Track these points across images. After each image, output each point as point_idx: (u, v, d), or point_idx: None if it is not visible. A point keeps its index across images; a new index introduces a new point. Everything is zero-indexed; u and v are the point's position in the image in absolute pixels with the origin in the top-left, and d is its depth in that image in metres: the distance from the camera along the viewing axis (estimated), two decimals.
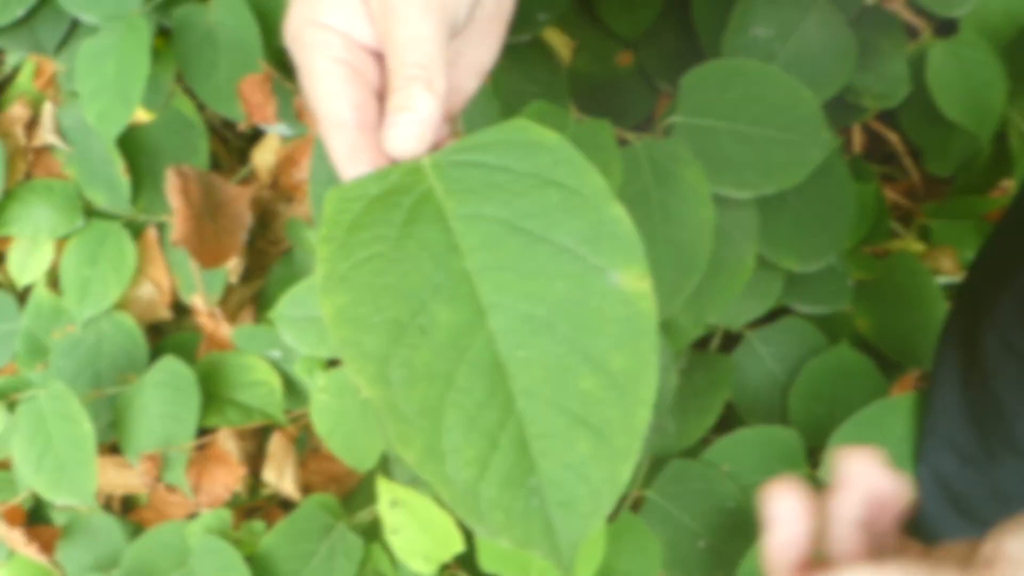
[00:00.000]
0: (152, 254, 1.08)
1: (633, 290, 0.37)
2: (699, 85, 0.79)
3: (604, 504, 0.36)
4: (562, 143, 0.39)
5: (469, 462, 0.35)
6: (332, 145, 0.40)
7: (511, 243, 0.37)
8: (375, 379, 0.36)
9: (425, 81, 0.39)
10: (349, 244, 0.37)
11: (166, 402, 0.96)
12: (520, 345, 0.36)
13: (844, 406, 0.99)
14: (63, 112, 1.02)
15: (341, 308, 0.36)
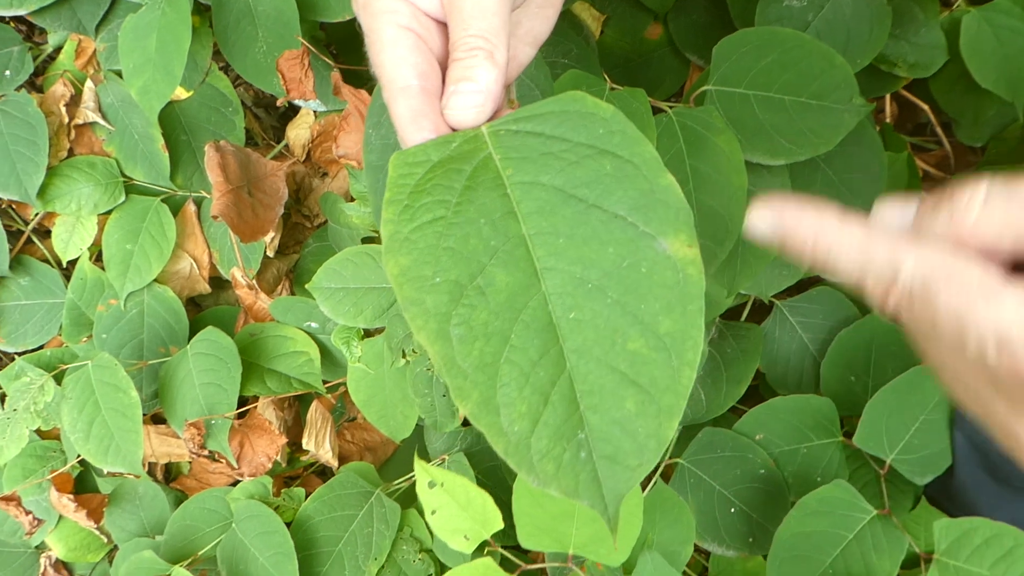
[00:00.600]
0: (191, 229, 1.10)
1: (682, 256, 0.38)
2: (732, 53, 0.80)
3: (649, 459, 0.37)
4: (616, 114, 0.40)
5: (522, 415, 0.37)
6: (396, 110, 0.41)
7: (565, 210, 0.39)
8: (436, 336, 0.37)
9: (487, 52, 0.40)
10: (412, 207, 0.39)
11: (208, 371, 0.98)
12: (572, 307, 0.38)
13: (878, 375, 1.00)
14: (103, 90, 1.04)
15: (404, 268, 0.38)
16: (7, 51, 1.03)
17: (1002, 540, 0.76)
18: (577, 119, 0.40)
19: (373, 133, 0.64)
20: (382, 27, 0.41)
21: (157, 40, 0.86)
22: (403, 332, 0.88)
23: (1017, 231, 0.34)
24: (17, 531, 1.13)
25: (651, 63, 1.12)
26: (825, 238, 0.37)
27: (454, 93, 0.40)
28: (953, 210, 0.35)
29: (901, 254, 0.34)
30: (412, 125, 0.41)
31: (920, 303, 0.34)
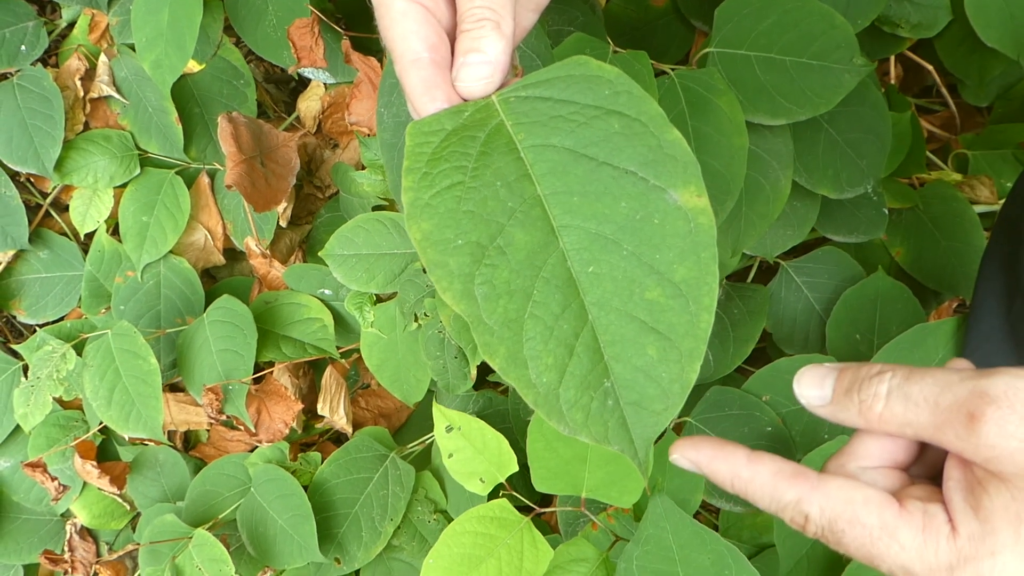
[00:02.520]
0: (205, 201, 1.12)
1: (692, 206, 0.40)
2: (733, 16, 0.81)
3: (674, 403, 0.39)
4: (621, 75, 0.41)
5: (549, 367, 0.39)
6: (408, 82, 0.42)
7: (577, 169, 0.40)
8: (461, 295, 0.39)
9: (494, 23, 0.41)
10: (431, 175, 0.40)
11: (225, 338, 1.01)
12: (590, 261, 0.39)
13: (882, 334, 1.01)
14: (117, 64, 1.06)
15: (427, 233, 0.39)
16: (22, 26, 1.05)
17: None
18: (583, 82, 0.41)
19: (385, 112, 0.66)
20: (391, 1, 0.42)
21: (169, 14, 0.87)
22: (415, 296, 0.90)
23: (916, 430, 0.38)
24: (43, 499, 1.16)
25: (657, 30, 1.13)
26: (739, 480, 0.41)
27: (463, 64, 0.42)
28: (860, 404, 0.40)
29: (805, 502, 0.39)
30: (425, 96, 0.42)
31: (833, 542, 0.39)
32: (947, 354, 0.92)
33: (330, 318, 1.05)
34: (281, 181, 1.04)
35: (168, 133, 1.06)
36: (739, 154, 0.76)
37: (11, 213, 1.10)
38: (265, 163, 1.03)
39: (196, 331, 1.03)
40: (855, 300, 1.03)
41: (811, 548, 0.87)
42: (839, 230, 1.02)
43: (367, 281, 0.95)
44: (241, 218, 1.11)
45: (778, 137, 0.83)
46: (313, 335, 1.05)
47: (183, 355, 1.04)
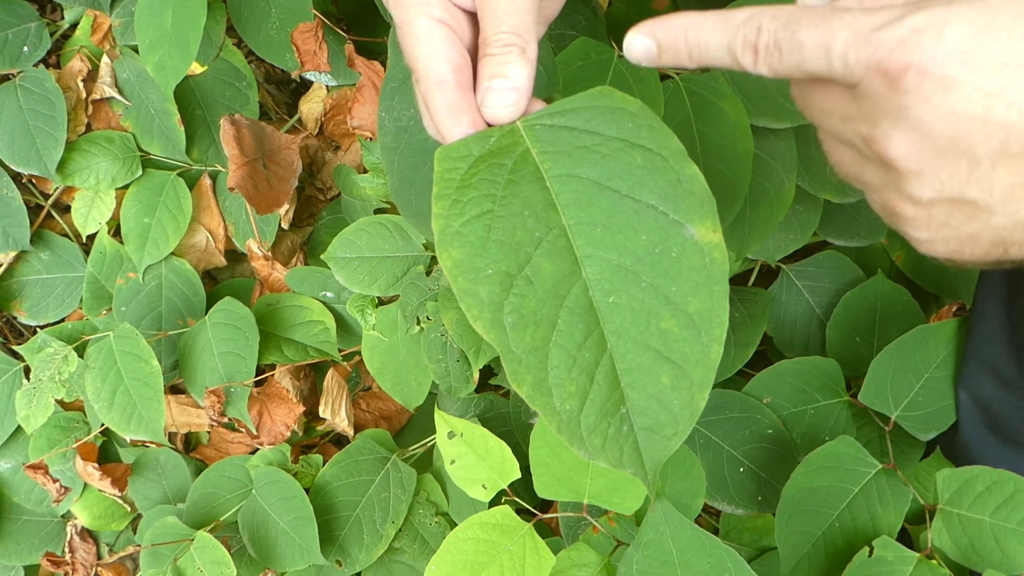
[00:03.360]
0: (206, 202, 1.12)
1: (708, 241, 0.41)
2: None
3: (684, 428, 0.41)
4: (644, 108, 0.42)
5: (572, 395, 0.40)
6: (434, 103, 0.42)
7: (601, 201, 0.41)
8: (491, 324, 0.40)
9: (520, 48, 0.42)
10: (460, 202, 0.41)
11: (227, 340, 1.01)
12: (611, 291, 0.41)
13: (882, 337, 1.02)
14: (119, 65, 1.06)
15: (458, 261, 0.40)
16: (25, 27, 1.05)
17: (1003, 487, 0.78)
18: (607, 113, 0.42)
19: (386, 116, 0.66)
20: (415, 20, 0.42)
21: (173, 16, 0.87)
22: (417, 299, 0.90)
23: None
24: (44, 500, 1.16)
25: None
26: (693, 31, 0.39)
27: (489, 90, 0.42)
28: None
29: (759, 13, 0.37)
30: (451, 120, 0.42)
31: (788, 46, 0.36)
32: (948, 356, 0.92)
33: (332, 321, 1.05)
34: (283, 183, 1.04)
35: (170, 135, 1.06)
36: (744, 158, 0.76)
37: (13, 214, 1.09)
38: (267, 165, 1.03)
39: (198, 333, 1.03)
40: (855, 303, 1.03)
41: (811, 548, 0.87)
42: (840, 234, 1.02)
43: (369, 284, 0.95)
44: (243, 220, 1.11)
45: (782, 141, 0.83)
46: (315, 338, 1.05)
47: (185, 357, 1.04)
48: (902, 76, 0.32)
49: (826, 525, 0.85)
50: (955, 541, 0.80)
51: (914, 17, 0.33)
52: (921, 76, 0.32)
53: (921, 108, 0.33)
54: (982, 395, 0.88)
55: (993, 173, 0.33)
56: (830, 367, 0.98)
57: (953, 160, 0.34)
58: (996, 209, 0.35)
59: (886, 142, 0.35)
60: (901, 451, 0.95)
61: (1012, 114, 0.32)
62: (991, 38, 0.31)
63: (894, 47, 0.33)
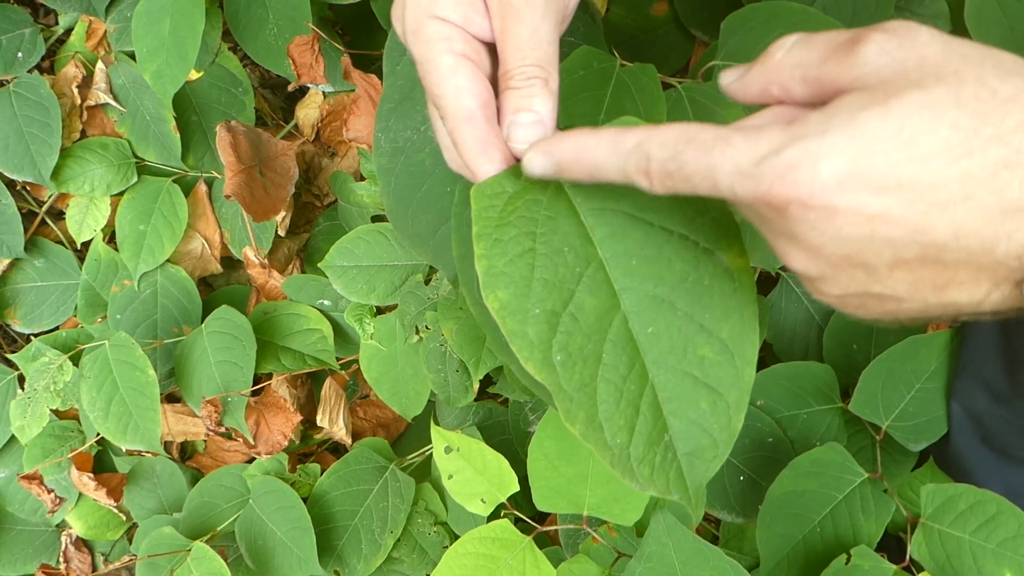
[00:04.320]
0: (202, 209, 1.11)
1: (736, 267, 0.42)
2: (740, 28, 0.80)
3: (723, 450, 0.41)
4: None
5: (621, 428, 0.40)
6: (463, 140, 0.42)
7: (635, 233, 0.42)
8: (542, 365, 0.40)
9: (543, 80, 0.41)
10: (502, 241, 0.41)
11: (224, 349, 1.00)
12: (649, 322, 0.41)
13: (880, 343, 1.01)
14: (114, 72, 1.05)
15: (504, 303, 0.40)
16: (19, 33, 1.04)
17: (985, 506, 0.78)
18: None
19: (383, 137, 0.65)
20: (438, 56, 0.42)
21: (171, 24, 0.87)
22: (416, 309, 0.89)
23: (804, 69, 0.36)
24: (38, 509, 1.15)
25: (656, 40, 1.13)
26: (587, 154, 0.39)
27: (515, 124, 0.41)
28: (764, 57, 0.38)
29: (646, 142, 0.37)
30: (483, 156, 0.42)
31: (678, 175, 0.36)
32: (940, 367, 0.92)
33: (329, 329, 1.04)
34: (280, 190, 1.03)
35: (166, 141, 1.05)
36: None
37: (7, 221, 1.09)
38: (264, 172, 1.02)
39: (194, 342, 1.02)
40: None
41: (791, 551, 0.87)
42: None
43: (367, 293, 0.94)
44: (239, 227, 1.10)
45: None
46: (312, 346, 1.04)
47: (181, 366, 1.03)
48: (786, 208, 0.33)
49: (807, 529, 0.85)
50: (934, 556, 0.80)
51: (790, 152, 0.33)
52: (803, 208, 0.33)
53: (809, 234, 0.34)
54: (974, 408, 0.88)
55: (892, 275, 0.34)
56: (825, 373, 0.98)
57: (850, 270, 0.35)
58: (905, 298, 0.36)
59: (786, 257, 0.36)
60: (893, 460, 0.95)
61: (897, 232, 0.32)
62: (868, 164, 0.32)
63: (773, 182, 0.33)
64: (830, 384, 0.97)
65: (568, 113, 0.73)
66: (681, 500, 0.40)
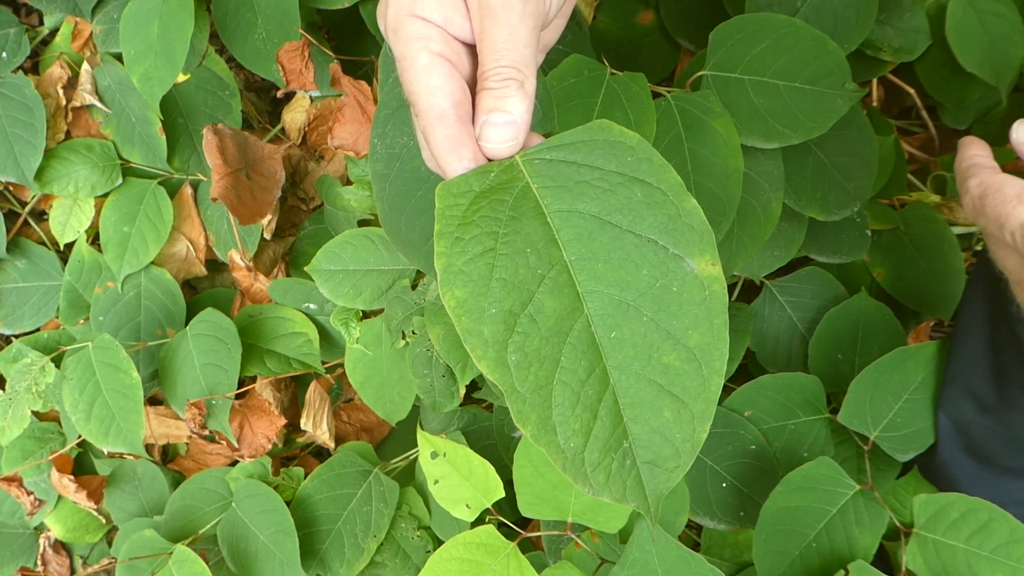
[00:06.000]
0: (187, 211, 1.10)
1: (707, 275, 0.41)
2: (727, 39, 0.81)
3: (685, 461, 0.41)
4: (642, 142, 0.42)
5: (576, 432, 0.40)
6: (434, 138, 0.42)
7: (602, 236, 0.41)
8: (495, 364, 0.40)
9: (519, 82, 0.42)
10: (463, 240, 0.41)
11: (208, 352, 0.99)
12: (613, 327, 0.41)
13: (864, 354, 1.03)
14: (100, 73, 1.04)
15: (461, 301, 0.40)
16: (3, 32, 1.03)
17: (977, 514, 0.79)
18: (606, 147, 0.42)
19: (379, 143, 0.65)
20: (415, 54, 0.42)
21: (159, 27, 0.86)
22: (402, 313, 0.89)
23: None
24: (16, 512, 1.14)
25: (642, 48, 1.13)
26: None
27: (487, 124, 0.42)
28: None
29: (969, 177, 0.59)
30: (452, 154, 0.42)
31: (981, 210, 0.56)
32: (927, 378, 0.93)
33: (315, 333, 1.04)
34: (266, 194, 1.03)
35: (151, 143, 1.05)
36: (735, 176, 0.77)
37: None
38: (250, 175, 1.02)
39: (179, 344, 1.01)
40: (838, 320, 1.04)
41: (788, 567, 0.88)
42: (823, 250, 1.03)
43: (354, 297, 0.94)
44: (224, 229, 1.10)
45: (770, 160, 0.84)
46: (298, 350, 1.04)
47: (165, 368, 1.02)
48: None
49: (803, 545, 0.85)
50: (929, 566, 0.81)
51: None
52: None
53: None
54: (961, 419, 0.89)
55: None
56: (812, 384, 0.99)
57: None
58: None
59: None
60: (878, 469, 0.96)
61: None
62: None
63: None
64: (817, 395, 0.98)
65: (560, 120, 0.74)
66: (639, 509, 0.40)
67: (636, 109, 0.74)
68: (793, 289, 1.08)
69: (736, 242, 0.84)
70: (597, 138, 0.43)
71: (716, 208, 0.77)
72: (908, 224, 1.10)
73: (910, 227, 1.10)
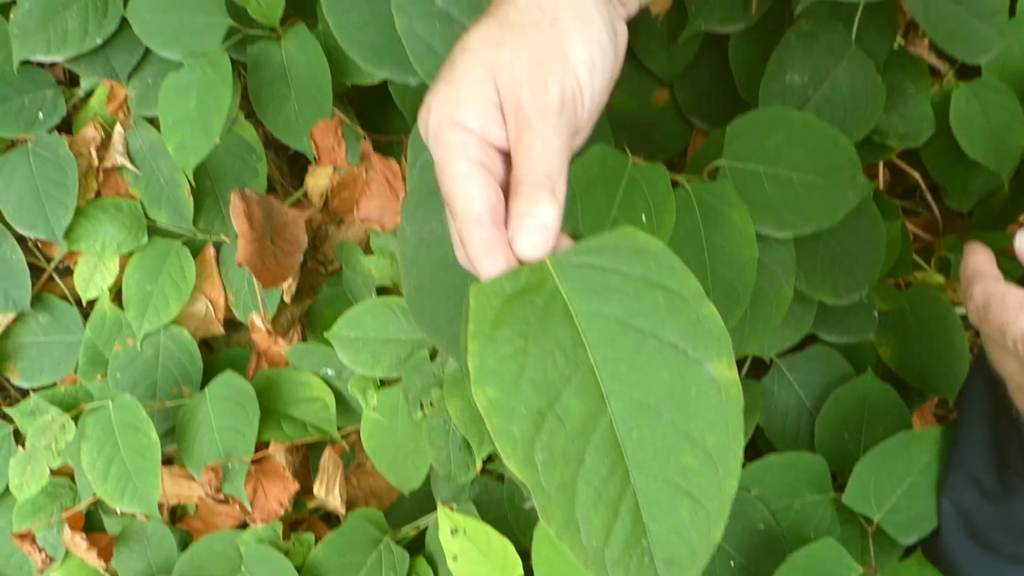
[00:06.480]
0: (209, 272, 1.13)
1: (724, 378, 0.43)
2: (743, 132, 0.84)
3: (701, 559, 0.42)
4: (665, 250, 0.45)
5: (597, 530, 0.41)
6: (470, 241, 0.44)
7: (626, 339, 0.43)
8: (524, 463, 0.41)
9: (550, 189, 0.44)
10: (495, 340, 0.42)
11: (227, 415, 1.01)
12: (634, 427, 0.42)
13: (869, 433, 1.04)
14: (132, 135, 1.07)
15: (492, 400, 0.42)
16: (41, 93, 1.06)
17: None
18: (631, 253, 0.45)
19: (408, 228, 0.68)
20: (455, 160, 0.45)
21: (197, 99, 0.89)
22: (421, 384, 0.91)
23: None
24: (23, 566, 1.14)
25: (657, 125, 1.16)
26: None
27: (520, 228, 0.44)
28: None
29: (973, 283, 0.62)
30: (486, 257, 0.44)
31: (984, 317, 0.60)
32: (931, 462, 0.95)
33: (332, 398, 1.05)
34: (289, 258, 1.05)
35: (179, 204, 1.07)
36: (749, 265, 0.79)
37: (15, 276, 1.09)
38: (275, 240, 1.04)
39: (197, 406, 1.03)
40: (844, 399, 1.06)
41: None
42: (831, 330, 1.05)
43: (373, 365, 0.96)
44: (244, 291, 1.12)
45: (782, 247, 0.87)
46: (315, 415, 1.05)
47: (183, 430, 1.04)
48: None
49: None
50: None
51: None
52: None
53: None
54: (964, 505, 0.91)
55: None
56: (818, 464, 1.00)
57: None
58: None
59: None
60: (882, 551, 0.97)
61: None
62: None
63: None
64: (823, 474, 0.99)
65: (584, 206, 0.76)
66: None
67: (656, 198, 0.76)
68: (801, 366, 1.10)
69: (749, 326, 0.86)
70: (623, 244, 0.45)
71: (731, 295, 0.79)
72: (913, 305, 1.12)
73: (915, 308, 1.12)
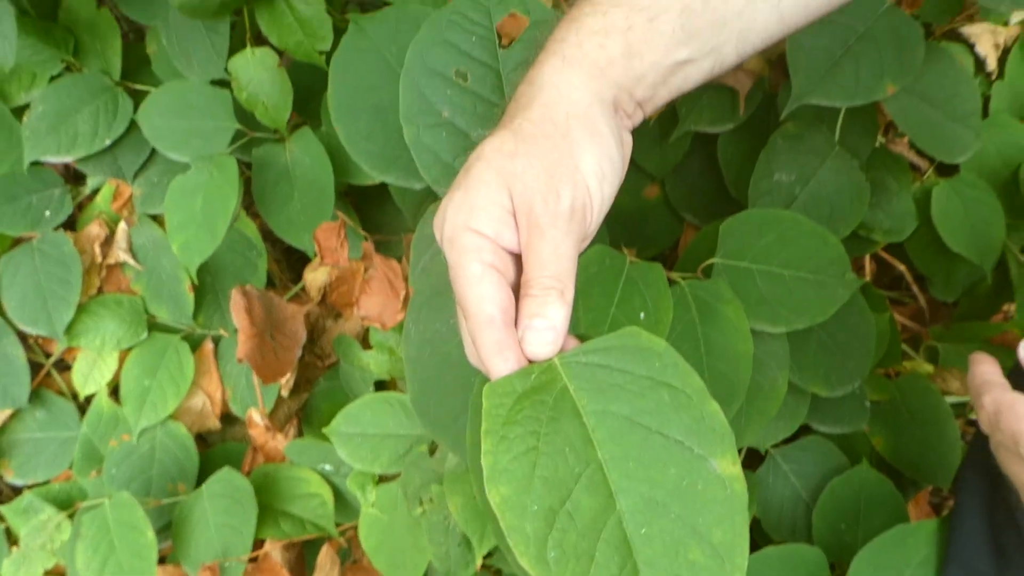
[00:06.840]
0: (207, 366, 1.13)
1: (729, 474, 0.44)
2: (736, 231, 0.87)
3: None
4: (668, 349, 0.47)
5: None
6: (482, 340, 0.46)
7: (634, 436, 0.45)
8: (537, 560, 0.42)
9: (559, 291, 0.46)
10: (507, 438, 0.44)
11: (224, 513, 1.00)
12: (643, 523, 0.43)
13: (866, 523, 1.04)
14: (136, 232, 1.09)
15: (506, 498, 0.43)
16: (48, 192, 1.09)
17: None
18: (636, 352, 0.46)
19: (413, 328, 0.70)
20: (468, 263, 0.47)
21: (203, 200, 0.91)
22: (420, 480, 0.91)
23: None
24: None
25: (649, 219, 1.19)
26: None
27: (530, 328, 0.46)
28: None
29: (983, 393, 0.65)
30: (498, 357, 0.46)
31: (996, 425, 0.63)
32: (929, 554, 0.95)
33: (330, 494, 1.05)
34: (288, 353, 1.06)
35: (179, 300, 1.09)
36: (744, 359, 0.81)
37: (14, 372, 1.10)
38: (274, 335, 1.05)
39: (194, 504, 1.02)
40: (840, 490, 1.06)
41: None
42: (825, 421, 1.07)
43: (372, 461, 0.96)
44: (242, 385, 1.12)
45: (776, 341, 0.89)
46: (312, 511, 1.04)
47: (179, 528, 1.03)
48: None
49: None
50: None
51: None
52: None
53: None
54: None
55: None
56: (816, 556, 1.00)
57: None
58: None
59: None
60: None
61: None
62: None
63: None
64: (820, 567, 0.99)
65: (584, 304, 0.78)
66: None
67: (653, 296, 0.78)
68: (796, 457, 1.10)
69: (746, 418, 0.87)
70: (628, 344, 0.47)
71: (727, 389, 0.81)
72: (904, 394, 1.14)
73: (906, 397, 1.14)
